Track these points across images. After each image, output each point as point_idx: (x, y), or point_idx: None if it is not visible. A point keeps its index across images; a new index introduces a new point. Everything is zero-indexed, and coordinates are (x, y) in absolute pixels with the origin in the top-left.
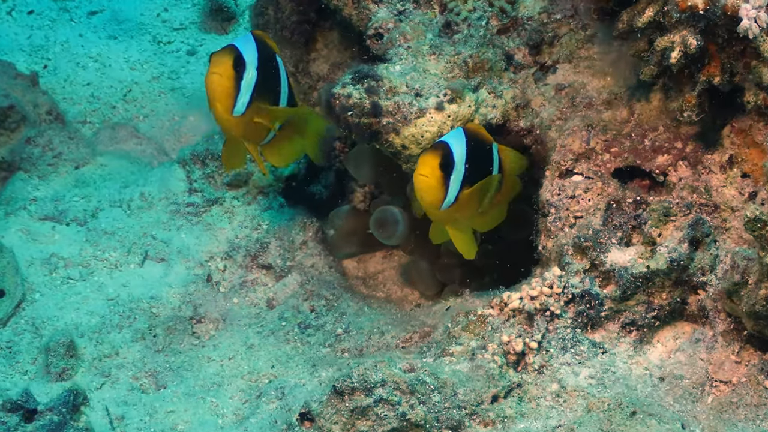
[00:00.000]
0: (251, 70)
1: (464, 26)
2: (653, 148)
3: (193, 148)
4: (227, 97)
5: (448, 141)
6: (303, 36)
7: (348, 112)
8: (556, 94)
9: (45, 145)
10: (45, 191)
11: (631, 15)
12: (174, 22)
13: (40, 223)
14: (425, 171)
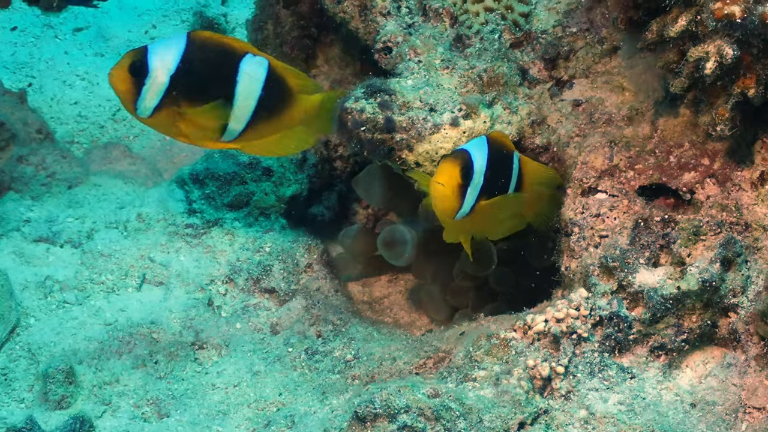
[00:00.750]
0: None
1: (476, 40)
2: (679, 165)
3: (193, 168)
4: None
5: (470, 150)
6: (303, 51)
7: (361, 128)
8: (573, 110)
9: (38, 164)
10: (38, 212)
11: (662, 25)
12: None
13: (34, 245)
14: (442, 179)
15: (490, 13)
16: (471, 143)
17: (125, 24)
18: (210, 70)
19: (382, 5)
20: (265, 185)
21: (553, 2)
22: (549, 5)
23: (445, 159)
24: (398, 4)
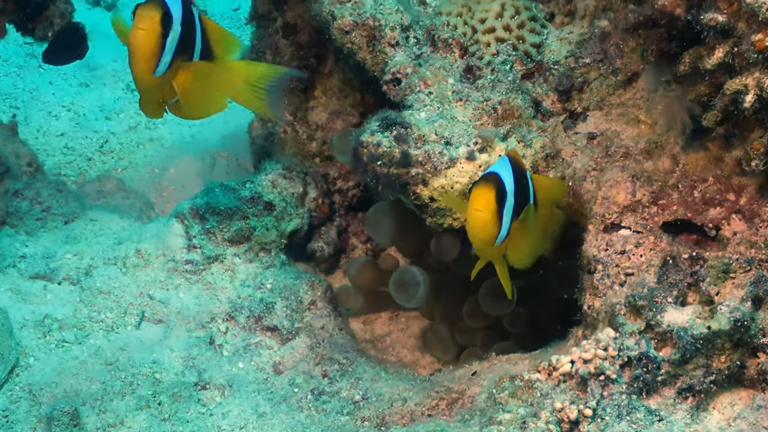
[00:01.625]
0: (177, 25)
1: (487, 71)
2: (704, 201)
3: (192, 202)
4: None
5: (498, 171)
6: (302, 83)
7: (377, 162)
8: (588, 143)
9: (33, 198)
10: (34, 248)
11: (695, 57)
12: None
13: (31, 282)
14: (480, 205)
15: (502, 44)
16: (497, 165)
17: (110, 54)
18: (190, 18)
19: (390, 36)
20: (266, 220)
21: (565, 32)
22: (561, 35)
23: (479, 184)
24: (406, 35)
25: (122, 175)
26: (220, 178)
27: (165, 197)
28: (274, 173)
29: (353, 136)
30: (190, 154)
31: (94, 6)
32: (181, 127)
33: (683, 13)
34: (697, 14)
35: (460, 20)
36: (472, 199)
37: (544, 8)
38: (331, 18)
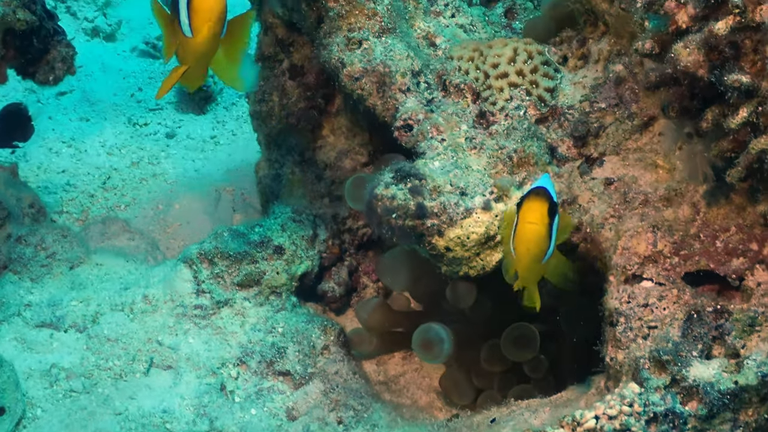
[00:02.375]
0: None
1: (501, 116)
2: (726, 251)
3: (200, 247)
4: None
5: (546, 186)
6: (310, 123)
7: (392, 215)
8: (606, 189)
9: (37, 244)
10: (40, 295)
11: (718, 114)
12: (149, 102)
13: (37, 330)
14: (534, 218)
15: (515, 89)
16: (542, 180)
17: (110, 87)
18: None
19: (401, 81)
20: (276, 264)
21: (579, 76)
22: (575, 80)
23: (531, 197)
24: (417, 80)
25: (126, 212)
26: (225, 214)
27: (170, 233)
28: (283, 217)
29: (367, 189)
30: (194, 189)
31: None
32: (185, 161)
33: (706, 74)
34: (720, 75)
35: (472, 65)
36: (525, 212)
37: (557, 51)
38: (341, 65)
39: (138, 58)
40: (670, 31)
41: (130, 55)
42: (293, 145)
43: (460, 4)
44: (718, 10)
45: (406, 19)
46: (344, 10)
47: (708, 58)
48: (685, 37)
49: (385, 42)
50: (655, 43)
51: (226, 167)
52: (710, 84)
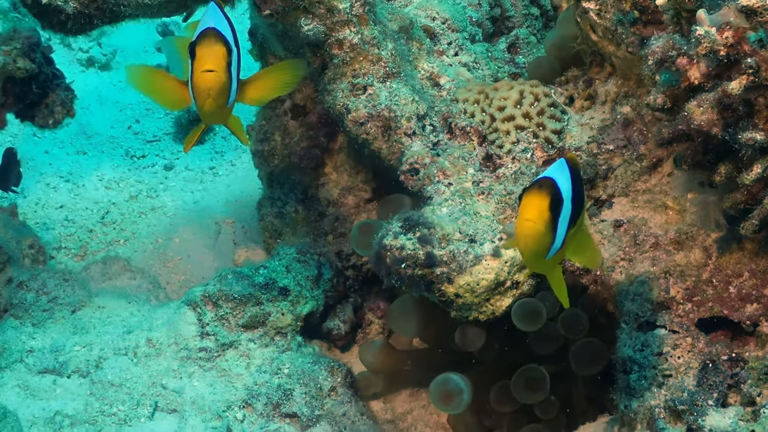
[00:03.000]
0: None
1: (508, 159)
2: (740, 297)
3: (204, 289)
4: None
5: (554, 176)
6: (312, 161)
7: (401, 265)
8: (615, 231)
9: (39, 289)
10: (42, 340)
11: (731, 168)
12: (147, 134)
13: (40, 377)
14: (531, 215)
15: (522, 131)
16: (553, 168)
17: (107, 119)
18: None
19: (407, 126)
20: (281, 305)
21: (586, 118)
22: (582, 121)
23: (530, 191)
24: (423, 123)
25: (125, 247)
26: (225, 247)
27: (170, 267)
28: (288, 258)
29: (376, 239)
30: (193, 222)
31: (88, 67)
32: (184, 193)
33: (720, 132)
34: (734, 133)
35: (478, 108)
36: (522, 207)
37: (563, 91)
38: (346, 111)
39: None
40: (683, 86)
41: (126, 86)
42: (296, 184)
43: (463, 42)
44: (730, 69)
45: (410, 61)
46: (349, 57)
47: (722, 117)
48: (697, 94)
49: (390, 87)
50: (667, 98)
51: (225, 199)
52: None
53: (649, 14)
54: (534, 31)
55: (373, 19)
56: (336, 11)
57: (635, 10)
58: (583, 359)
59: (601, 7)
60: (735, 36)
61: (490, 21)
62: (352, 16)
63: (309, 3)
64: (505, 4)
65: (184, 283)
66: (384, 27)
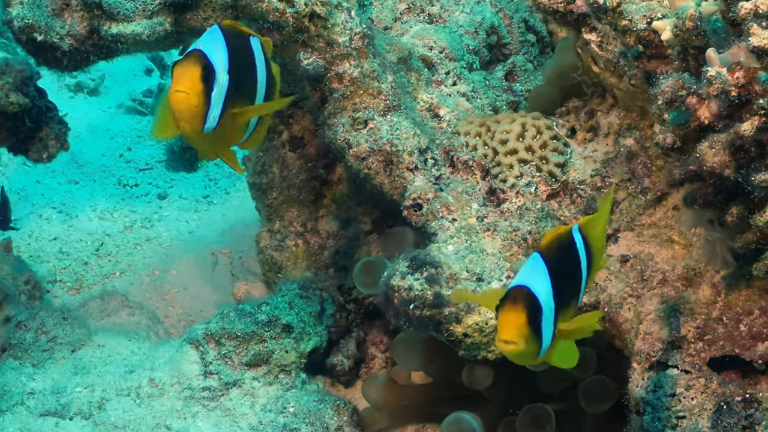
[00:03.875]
0: (222, 75)
1: (512, 194)
2: (751, 335)
3: (206, 327)
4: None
5: (528, 283)
6: (312, 194)
7: (410, 305)
8: (622, 266)
9: (38, 329)
10: (43, 382)
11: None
12: (139, 161)
13: (42, 419)
14: (510, 335)
15: (524, 165)
16: (527, 269)
17: (98, 148)
18: (241, 60)
19: (409, 160)
20: (285, 342)
21: (589, 150)
22: (585, 153)
23: (506, 305)
24: (424, 157)
25: (121, 279)
26: (223, 278)
27: (168, 300)
28: (290, 294)
29: (382, 279)
30: (190, 252)
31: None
32: (179, 223)
33: (732, 174)
34: (747, 175)
35: (480, 141)
36: (499, 324)
37: (564, 123)
38: (347, 146)
39: (125, 115)
40: (693, 126)
41: (116, 111)
42: (295, 216)
43: (461, 71)
44: (741, 109)
45: (409, 92)
46: (349, 91)
47: (734, 158)
48: (708, 134)
49: (391, 120)
50: (677, 137)
51: (221, 228)
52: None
53: (653, 48)
54: (530, 58)
55: (372, 52)
56: (335, 45)
57: (639, 44)
58: (593, 397)
59: (603, 39)
60: (746, 76)
61: (486, 48)
62: (352, 50)
63: (308, 37)
64: (501, 31)
65: (182, 316)
66: (383, 59)
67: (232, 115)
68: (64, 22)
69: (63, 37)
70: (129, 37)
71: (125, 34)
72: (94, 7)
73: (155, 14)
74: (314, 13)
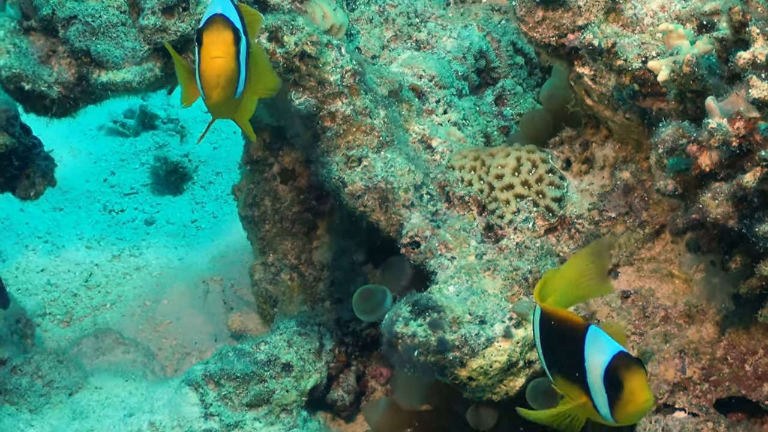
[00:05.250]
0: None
1: (510, 230)
2: (756, 375)
3: (205, 368)
4: (232, 80)
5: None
6: (305, 225)
7: (414, 352)
8: (623, 302)
9: (33, 373)
10: (41, 428)
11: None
12: (123, 186)
13: None
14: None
15: (521, 200)
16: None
17: (82, 173)
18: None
19: (404, 197)
20: (285, 381)
21: (585, 184)
22: (581, 187)
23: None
24: (420, 193)
25: (112, 311)
26: (215, 307)
27: (161, 332)
28: (288, 332)
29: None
30: (180, 281)
31: None
32: (167, 249)
33: (736, 225)
34: (750, 225)
35: (475, 176)
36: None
37: (558, 154)
38: (342, 184)
39: (107, 137)
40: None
41: (97, 134)
42: (289, 249)
43: (451, 99)
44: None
45: (401, 125)
46: (342, 129)
47: (737, 209)
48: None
49: (385, 157)
50: (678, 184)
51: (210, 255)
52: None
53: (648, 86)
54: (519, 81)
55: (363, 88)
56: (327, 83)
57: (635, 83)
58: None
59: (596, 73)
60: (747, 126)
61: (475, 73)
62: (343, 88)
63: (299, 76)
64: (489, 55)
65: (176, 348)
66: (374, 94)
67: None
68: (52, 69)
69: (51, 85)
70: (120, 85)
71: (116, 82)
72: (81, 54)
73: (144, 60)
74: (304, 52)
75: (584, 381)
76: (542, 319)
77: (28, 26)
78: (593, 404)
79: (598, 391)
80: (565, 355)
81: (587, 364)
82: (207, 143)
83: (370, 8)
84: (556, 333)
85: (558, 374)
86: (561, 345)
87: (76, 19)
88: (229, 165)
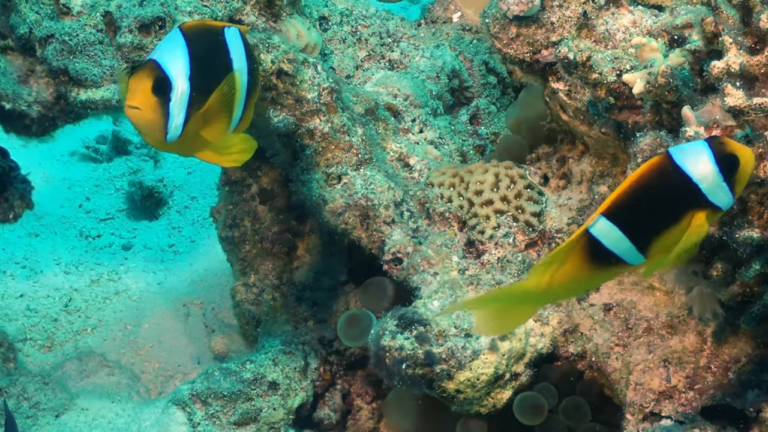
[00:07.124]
0: (181, 82)
1: (491, 245)
2: (740, 383)
3: (192, 387)
4: (154, 129)
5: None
6: (285, 245)
7: (402, 365)
8: (605, 315)
9: (19, 395)
10: None
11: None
12: (99, 211)
13: None
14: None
15: (501, 215)
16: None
17: (55, 198)
18: (209, 60)
19: (385, 214)
20: (272, 400)
21: (563, 198)
22: (559, 201)
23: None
24: (400, 210)
25: (93, 335)
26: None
27: (143, 356)
28: (273, 351)
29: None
30: (160, 305)
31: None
32: (146, 274)
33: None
34: (731, 232)
35: (454, 192)
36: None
37: (536, 170)
38: (323, 202)
39: (80, 162)
40: None
41: (70, 159)
42: (270, 269)
43: (427, 118)
44: None
45: (379, 143)
46: (321, 147)
47: None
48: None
49: (364, 174)
50: None
51: (190, 278)
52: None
53: (624, 99)
54: (493, 100)
55: (341, 106)
56: (304, 101)
57: (610, 97)
58: None
59: (571, 88)
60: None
61: (449, 92)
62: (321, 105)
63: (276, 94)
64: (462, 75)
65: (159, 371)
66: (351, 112)
67: (202, 115)
68: (31, 88)
69: (31, 105)
70: (99, 103)
71: (95, 100)
72: (60, 73)
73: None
74: (281, 70)
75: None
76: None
77: (5, 45)
78: (712, 207)
79: (717, 187)
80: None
81: (696, 179)
82: (181, 168)
83: (343, 29)
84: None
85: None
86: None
87: (53, 38)
88: (204, 190)
